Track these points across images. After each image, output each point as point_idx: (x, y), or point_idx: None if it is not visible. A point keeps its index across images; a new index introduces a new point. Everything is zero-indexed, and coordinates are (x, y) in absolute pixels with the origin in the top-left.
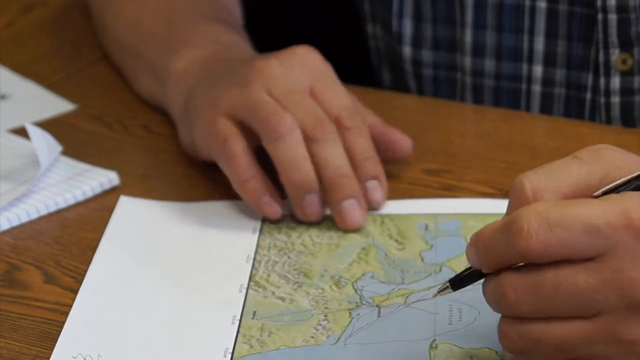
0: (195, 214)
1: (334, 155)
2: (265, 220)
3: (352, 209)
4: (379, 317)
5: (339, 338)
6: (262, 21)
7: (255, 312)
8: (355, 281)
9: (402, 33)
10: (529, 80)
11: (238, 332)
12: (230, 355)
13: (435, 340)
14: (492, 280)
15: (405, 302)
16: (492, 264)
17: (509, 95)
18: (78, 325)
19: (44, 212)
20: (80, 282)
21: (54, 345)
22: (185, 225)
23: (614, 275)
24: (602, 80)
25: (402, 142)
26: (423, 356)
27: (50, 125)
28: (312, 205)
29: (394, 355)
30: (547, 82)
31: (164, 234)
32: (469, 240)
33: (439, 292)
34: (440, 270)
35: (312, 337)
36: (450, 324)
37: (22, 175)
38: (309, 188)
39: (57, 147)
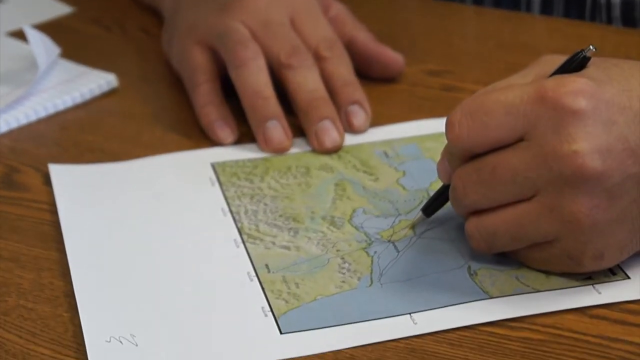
0: (140, 172)
1: (308, 79)
2: (217, 169)
3: (329, 129)
4: (398, 252)
5: (371, 279)
6: None
7: (267, 265)
8: (350, 219)
9: None
10: None
11: (263, 288)
12: (270, 313)
13: (470, 267)
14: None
15: (415, 234)
16: (454, 167)
17: None
18: (93, 310)
19: (42, 114)
20: None
21: (53, 247)
22: (137, 185)
23: (540, 149)
24: None
25: (394, 59)
26: (469, 285)
27: (48, 28)
28: (273, 131)
29: (438, 287)
30: None
31: (121, 197)
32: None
33: (414, 223)
34: (428, 195)
35: (343, 282)
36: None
37: (20, 78)
38: (269, 114)
39: (55, 50)
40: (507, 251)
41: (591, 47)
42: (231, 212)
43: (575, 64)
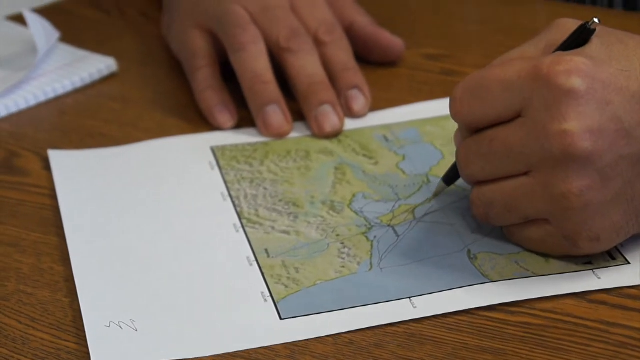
0: (139, 156)
1: (308, 63)
2: (217, 152)
3: (328, 114)
4: (398, 236)
5: (371, 264)
6: None
7: (266, 249)
8: (350, 204)
9: None
10: None
11: (262, 273)
12: (270, 298)
13: (470, 250)
14: None
15: (414, 218)
16: (463, 139)
17: None
18: (92, 295)
19: (42, 98)
20: None
21: (53, 231)
22: (137, 170)
23: (534, 126)
24: None
25: (393, 43)
26: (469, 268)
27: (47, 12)
28: (273, 116)
29: (438, 271)
30: None
31: (120, 182)
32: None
33: (436, 192)
34: (428, 181)
35: (343, 266)
36: (473, 232)
37: (20, 62)
38: (269, 98)
39: (55, 34)
40: (506, 232)
41: (595, 19)
42: (231, 196)
43: (579, 38)
